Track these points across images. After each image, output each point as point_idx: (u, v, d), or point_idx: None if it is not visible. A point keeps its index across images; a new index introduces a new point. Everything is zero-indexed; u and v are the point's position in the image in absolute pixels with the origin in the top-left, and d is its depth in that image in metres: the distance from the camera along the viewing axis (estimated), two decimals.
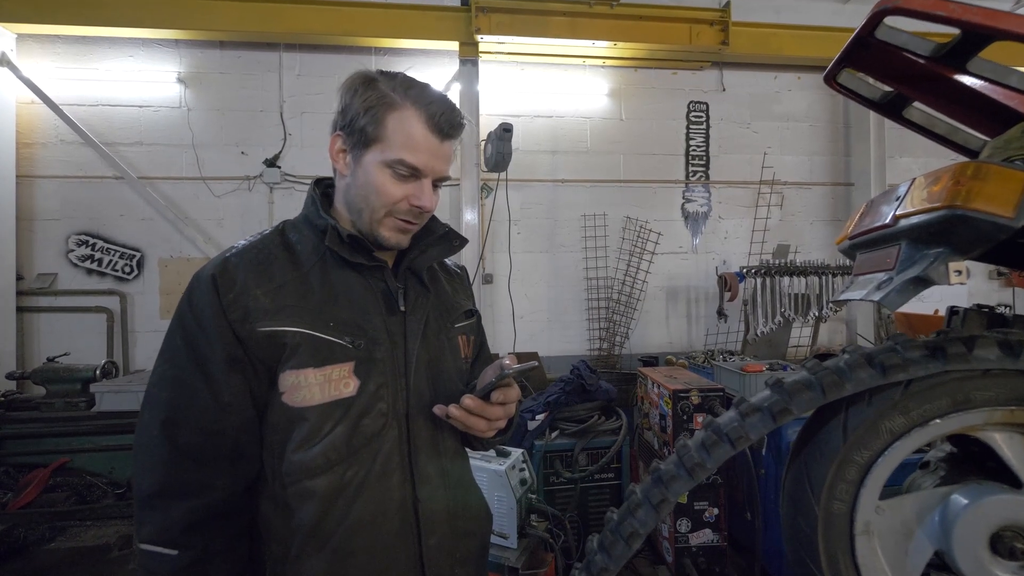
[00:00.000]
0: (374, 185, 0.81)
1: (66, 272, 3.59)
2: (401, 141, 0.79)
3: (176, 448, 0.76)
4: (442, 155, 0.83)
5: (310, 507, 0.77)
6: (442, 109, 0.81)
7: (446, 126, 0.81)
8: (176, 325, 0.80)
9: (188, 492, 0.75)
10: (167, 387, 0.78)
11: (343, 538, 0.78)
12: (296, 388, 0.78)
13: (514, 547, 2.00)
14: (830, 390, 0.84)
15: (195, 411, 0.77)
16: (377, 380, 0.81)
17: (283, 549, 0.79)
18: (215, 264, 0.81)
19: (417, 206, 0.82)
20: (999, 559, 0.80)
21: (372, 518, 0.79)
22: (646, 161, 4.13)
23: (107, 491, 2.58)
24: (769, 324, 3.50)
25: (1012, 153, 0.86)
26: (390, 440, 0.82)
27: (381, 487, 0.80)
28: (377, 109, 0.79)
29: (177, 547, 0.74)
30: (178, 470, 0.76)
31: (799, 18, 4.10)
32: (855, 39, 0.99)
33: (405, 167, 0.80)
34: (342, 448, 0.78)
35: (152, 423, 0.77)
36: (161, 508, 0.75)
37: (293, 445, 0.78)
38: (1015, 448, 0.84)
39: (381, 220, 0.83)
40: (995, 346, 0.82)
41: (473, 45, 3.66)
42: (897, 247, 0.87)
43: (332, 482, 0.78)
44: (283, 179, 3.73)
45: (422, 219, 0.87)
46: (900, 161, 4.35)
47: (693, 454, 0.88)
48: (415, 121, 0.79)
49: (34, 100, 3.54)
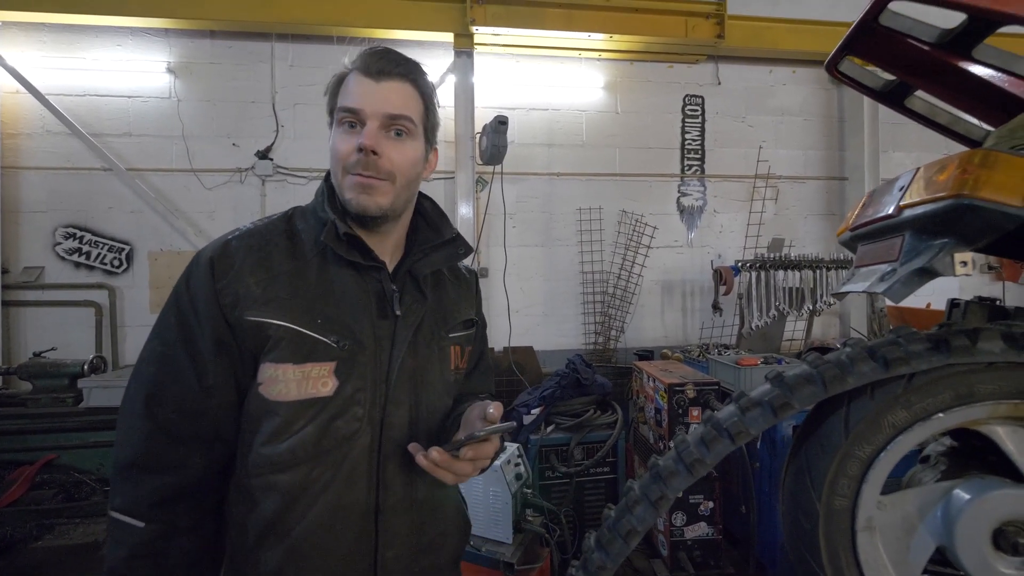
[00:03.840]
0: (331, 148, 0.82)
1: (53, 265, 3.52)
2: (341, 94, 0.82)
3: (156, 424, 0.77)
4: (380, 94, 0.80)
5: (272, 500, 0.78)
6: (371, 52, 0.82)
7: (375, 65, 0.81)
8: (172, 303, 0.81)
9: (161, 468, 0.77)
10: (155, 363, 0.79)
11: (300, 536, 0.78)
12: (273, 381, 0.77)
13: (509, 542, 1.99)
14: (832, 384, 0.83)
15: (178, 390, 0.77)
16: (356, 383, 0.80)
17: (242, 537, 0.80)
18: (215, 247, 0.81)
19: (359, 146, 0.78)
20: (1002, 555, 0.79)
21: (332, 521, 0.79)
22: (642, 155, 4.11)
23: (95, 488, 2.54)
24: (764, 318, 3.50)
25: (1019, 142, 0.84)
26: (361, 446, 0.80)
27: (345, 491, 0.79)
28: (332, 87, 0.84)
29: (144, 519, 0.75)
30: (155, 445, 0.77)
31: (795, 11, 4.08)
32: (859, 25, 0.96)
33: (343, 111, 0.81)
34: (310, 447, 0.78)
35: (136, 396, 0.79)
36: (134, 480, 0.77)
37: (262, 438, 0.78)
38: (1018, 442, 0.83)
39: (342, 183, 0.81)
40: (999, 338, 0.80)
41: (468, 37, 3.61)
42: (901, 238, 0.85)
43: (297, 479, 0.78)
44: (275, 171, 3.68)
45: (377, 169, 0.80)
46: (894, 155, 4.36)
47: (692, 450, 0.87)
48: (352, 76, 0.82)
49: (19, 90, 3.46)
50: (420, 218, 0.95)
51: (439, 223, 0.94)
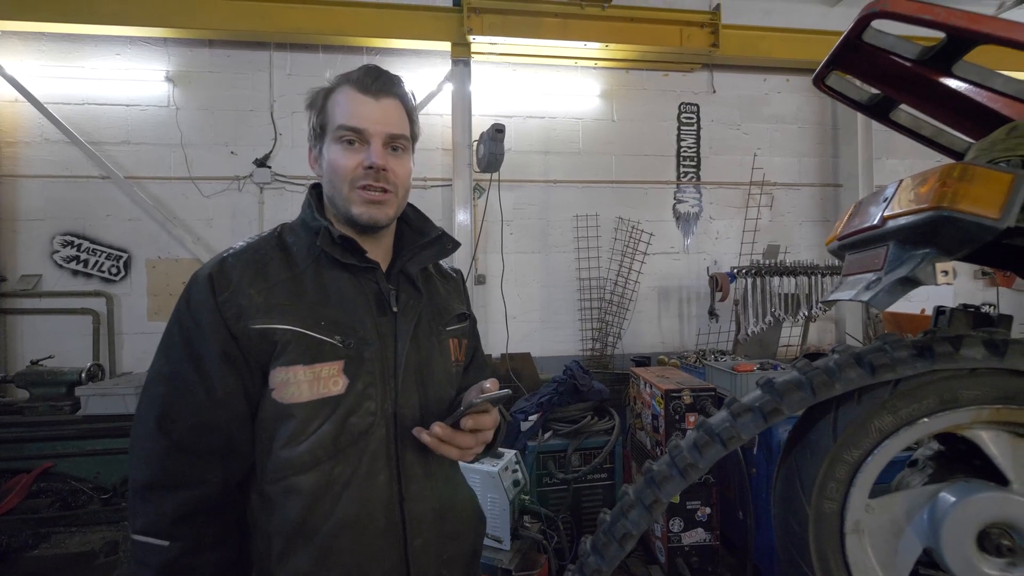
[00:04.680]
0: (331, 164, 0.85)
1: (51, 273, 3.52)
2: (339, 113, 0.85)
3: (170, 442, 0.77)
4: (381, 113, 0.85)
5: (296, 504, 0.78)
6: (365, 72, 0.86)
7: (372, 84, 0.85)
8: (174, 322, 0.82)
9: (180, 484, 0.77)
10: (162, 383, 0.80)
11: (328, 536, 0.78)
12: (285, 384, 0.79)
13: (507, 548, 2.00)
14: (820, 390, 0.85)
15: (189, 406, 0.78)
16: (366, 379, 0.82)
17: (268, 545, 0.80)
18: (213, 264, 0.84)
19: (369, 166, 0.83)
20: (986, 556, 0.81)
21: (357, 517, 0.80)
22: (638, 162, 4.15)
23: (92, 496, 2.52)
24: (760, 324, 3.53)
25: (997, 155, 0.87)
26: (377, 439, 0.82)
27: (367, 486, 0.81)
28: (320, 102, 0.87)
29: (168, 538, 0.75)
30: (171, 463, 0.77)
31: (788, 21, 4.14)
32: (843, 42, 0.99)
33: (345, 130, 0.84)
34: (329, 445, 0.79)
35: (148, 418, 0.79)
36: (154, 500, 0.77)
37: (281, 441, 0.79)
38: (1001, 446, 0.85)
39: (348, 197, 0.85)
40: (981, 345, 0.83)
41: (465, 46, 3.65)
42: (885, 248, 0.88)
43: (318, 479, 0.79)
44: (273, 179, 3.69)
45: (387, 183, 0.85)
46: (887, 163, 4.41)
47: (685, 454, 0.89)
48: (345, 91, 0.85)
49: (18, 98, 3.48)
50: (403, 223, 0.99)
51: (422, 225, 0.99)
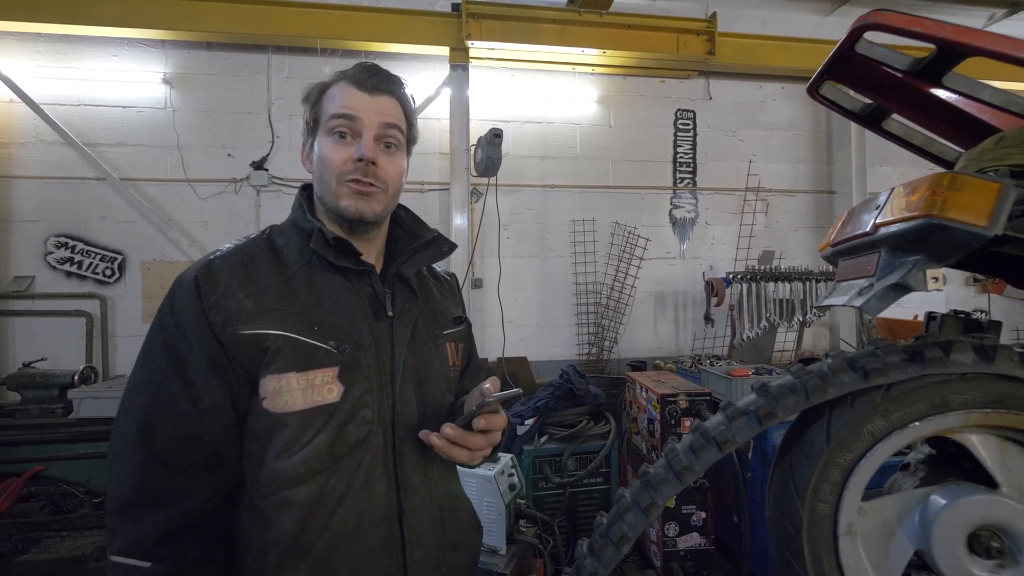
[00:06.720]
0: (321, 157, 0.83)
1: (44, 275, 3.50)
2: (331, 105, 0.83)
3: (152, 455, 0.72)
4: (374, 106, 0.83)
5: (290, 518, 0.74)
6: (360, 68, 0.85)
7: (367, 80, 0.84)
8: (156, 329, 0.78)
9: (163, 501, 0.72)
10: (144, 392, 0.75)
11: (324, 550, 0.75)
12: (277, 393, 0.75)
13: (503, 553, 1.99)
14: (814, 393, 0.86)
15: (173, 417, 0.74)
16: (362, 386, 0.79)
17: (260, 562, 0.75)
18: (198, 267, 0.79)
19: (358, 158, 0.81)
20: (976, 558, 0.82)
21: (355, 529, 0.76)
22: (634, 167, 4.17)
23: (84, 500, 2.51)
24: (755, 329, 3.55)
25: (986, 164, 0.89)
26: (374, 448, 0.79)
27: (365, 497, 0.77)
28: (315, 96, 0.86)
29: (150, 559, 0.70)
30: (153, 478, 0.72)
31: (784, 29, 4.19)
32: (836, 53, 1.02)
33: (337, 119, 0.82)
34: (324, 456, 0.75)
35: (128, 429, 0.74)
36: (134, 518, 0.71)
37: (273, 453, 0.75)
38: (990, 449, 0.87)
39: (335, 191, 0.82)
40: (971, 351, 0.84)
41: (464, 51, 3.67)
42: (877, 254, 0.90)
43: (313, 492, 0.75)
44: (270, 182, 3.69)
45: (376, 178, 0.83)
46: (880, 170, 4.46)
47: (681, 457, 0.89)
48: (339, 86, 0.85)
49: (13, 99, 3.46)
50: (396, 226, 0.96)
51: (416, 227, 0.96)
